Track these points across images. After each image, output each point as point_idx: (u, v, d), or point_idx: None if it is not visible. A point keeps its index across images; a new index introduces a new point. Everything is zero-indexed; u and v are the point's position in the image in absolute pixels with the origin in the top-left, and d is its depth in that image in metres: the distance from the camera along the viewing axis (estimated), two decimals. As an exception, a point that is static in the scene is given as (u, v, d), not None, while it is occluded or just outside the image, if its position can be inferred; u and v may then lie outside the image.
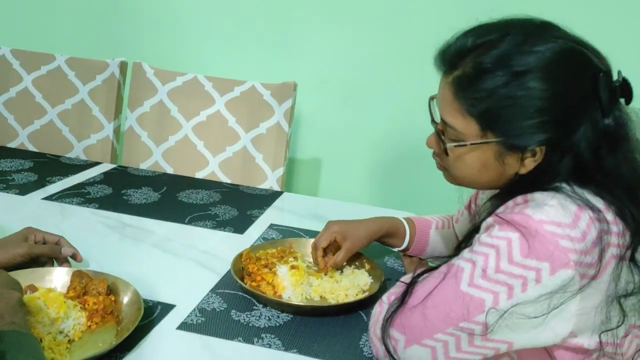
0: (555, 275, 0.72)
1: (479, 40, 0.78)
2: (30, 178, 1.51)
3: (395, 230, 1.15)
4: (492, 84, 0.75)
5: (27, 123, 1.77)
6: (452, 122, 0.80)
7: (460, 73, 0.78)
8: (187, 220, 1.34)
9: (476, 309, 0.75)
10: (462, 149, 0.81)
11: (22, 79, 1.78)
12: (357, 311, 1.01)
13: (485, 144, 0.79)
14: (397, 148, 2.01)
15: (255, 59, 2.00)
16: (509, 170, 0.81)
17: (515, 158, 0.79)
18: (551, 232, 0.73)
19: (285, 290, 1.02)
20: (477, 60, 0.77)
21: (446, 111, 0.82)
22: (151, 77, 1.72)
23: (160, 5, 2.02)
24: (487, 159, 0.80)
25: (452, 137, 0.82)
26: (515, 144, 0.78)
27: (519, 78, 0.74)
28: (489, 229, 0.79)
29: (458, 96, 0.79)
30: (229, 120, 1.67)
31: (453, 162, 0.84)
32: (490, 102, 0.76)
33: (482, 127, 0.78)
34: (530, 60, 0.75)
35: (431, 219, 1.21)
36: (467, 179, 0.86)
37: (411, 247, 1.17)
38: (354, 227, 1.11)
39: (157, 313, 0.95)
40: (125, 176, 1.60)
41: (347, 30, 1.91)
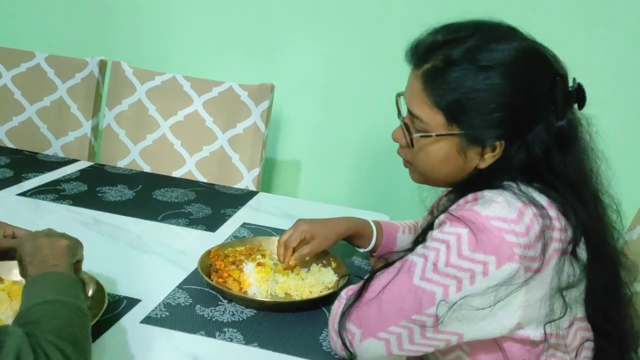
0: (501, 269, 0.75)
1: (449, 36, 0.83)
2: (6, 174, 1.52)
3: (362, 231, 1.17)
4: (459, 76, 0.79)
5: (6, 120, 1.78)
6: (419, 113, 0.84)
7: (430, 65, 0.82)
8: (160, 218, 1.35)
9: (428, 301, 0.78)
10: (427, 140, 0.85)
11: (1, 75, 1.79)
12: (320, 307, 1.03)
13: (449, 136, 0.83)
14: (375, 150, 2.03)
15: (235, 61, 2.02)
16: (469, 164, 0.85)
17: (476, 152, 0.83)
18: (497, 227, 0.76)
19: (250, 287, 1.04)
20: (446, 53, 0.81)
21: (414, 103, 0.85)
22: (130, 76, 1.73)
23: (141, 6, 2.04)
24: (449, 151, 0.84)
25: (419, 128, 0.85)
26: (477, 137, 0.81)
27: (484, 72, 0.79)
28: (440, 225, 0.82)
29: (427, 88, 0.82)
30: (206, 120, 1.69)
31: (417, 154, 0.87)
32: (456, 94, 0.80)
33: (447, 119, 0.82)
34: (495, 56, 0.79)
35: (398, 224, 1.23)
36: (429, 172, 0.89)
37: (378, 249, 1.19)
38: (323, 226, 1.13)
39: (122, 307, 0.97)
40: (102, 174, 1.62)
41: (327, 32, 1.94)
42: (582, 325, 0.85)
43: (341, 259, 1.17)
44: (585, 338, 0.85)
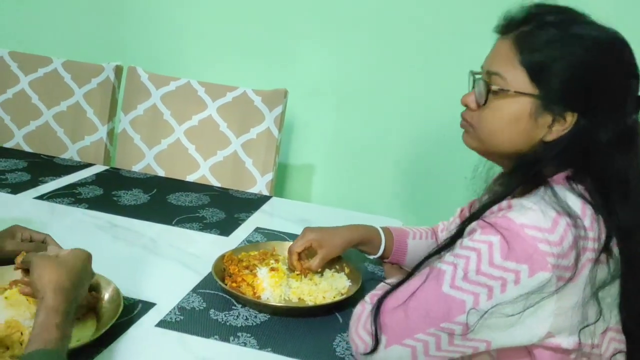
0: (534, 277, 0.75)
1: (544, 9, 0.86)
2: (23, 177, 1.54)
3: (370, 238, 1.16)
4: (550, 39, 0.81)
5: (23, 124, 1.81)
6: (501, 70, 0.84)
7: (524, 29, 0.84)
8: (174, 222, 1.37)
9: (457, 309, 0.77)
10: (502, 96, 0.84)
11: (19, 80, 1.82)
12: (334, 313, 1.04)
13: (527, 96, 0.83)
14: (389, 154, 2.03)
15: (249, 66, 2.03)
16: (536, 132, 0.84)
17: (546, 121, 0.83)
18: (531, 235, 0.76)
19: (264, 292, 1.05)
20: (541, 18, 0.83)
21: (497, 62, 0.86)
22: (145, 81, 1.75)
23: (157, 12, 2.06)
24: (522, 112, 0.83)
25: (497, 85, 0.85)
26: (552, 101, 0.82)
27: (575, 40, 0.81)
28: (471, 233, 0.81)
29: (515, 47, 0.83)
30: (220, 125, 1.70)
31: (486, 112, 0.87)
32: (543, 56, 0.81)
33: (530, 78, 0.82)
34: (587, 31, 0.82)
35: (408, 229, 1.23)
36: (494, 134, 0.87)
37: (390, 256, 1.19)
38: (330, 235, 1.13)
39: (137, 310, 0.98)
40: (117, 178, 1.63)
41: (340, 37, 1.95)
42: (616, 336, 0.84)
43: (354, 264, 1.17)
44: (618, 350, 0.84)
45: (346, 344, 0.95)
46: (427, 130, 1.96)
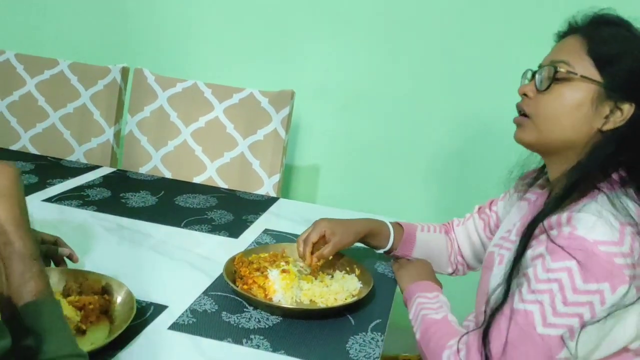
0: (616, 293, 0.76)
1: (602, 15, 0.92)
2: (31, 180, 1.54)
3: (379, 230, 1.18)
4: (615, 34, 0.88)
5: (30, 126, 1.80)
6: (567, 58, 0.88)
7: (590, 27, 0.90)
8: (183, 224, 1.36)
9: (557, 346, 0.78)
10: (567, 84, 0.87)
11: (26, 82, 1.81)
12: (345, 315, 1.03)
13: (591, 81, 0.86)
14: (395, 155, 2.03)
15: (256, 67, 2.03)
16: (595, 120, 0.86)
17: (606, 109, 0.86)
18: (606, 252, 0.76)
19: (275, 294, 1.05)
20: (604, 19, 0.90)
21: (564, 52, 0.90)
22: (152, 83, 1.75)
23: (163, 14, 2.06)
24: (585, 98, 0.86)
25: (564, 70, 0.88)
26: (614, 90, 0.85)
27: (637, 38, 0.88)
28: (539, 258, 0.81)
29: (583, 39, 0.88)
30: (227, 126, 1.70)
31: (547, 99, 0.89)
32: (611, 47, 0.86)
33: (596, 66, 0.86)
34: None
35: (416, 223, 1.25)
36: (553, 120, 0.89)
37: (398, 248, 1.20)
38: (342, 224, 1.15)
39: (149, 313, 0.98)
40: (124, 180, 1.63)
41: (346, 38, 1.94)
42: None
43: (365, 265, 1.17)
44: None
45: (359, 346, 0.95)
46: (434, 131, 1.96)
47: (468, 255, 1.24)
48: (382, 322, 1.03)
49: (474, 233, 1.22)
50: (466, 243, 1.23)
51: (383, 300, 1.11)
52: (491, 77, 1.82)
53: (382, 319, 1.04)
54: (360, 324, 1.01)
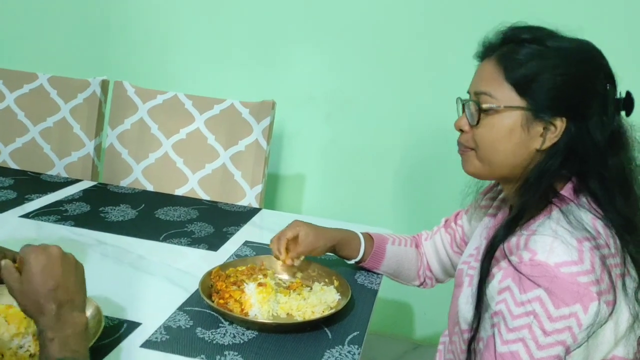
0: (589, 313, 0.76)
1: (519, 30, 0.90)
2: (9, 196, 1.52)
3: (350, 240, 1.19)
4: (530, 53, 0.86)
5: (9, 141, 1.79)
6: (489, 89, 0.88)
7: (504, 49, 0.89)
8: (162, 238, 1.35)
9: None
10: (494, 113, 0.88)
11: (5, 97, 1.80)
12: (322, 328, 1.02)
13: (516, 109, 0.86)
14: (379, 165, 2.03)
15: (237, 77, 2.03)
16: (531, 142, 0.86)
17: (538, 131, 0.86)
18: (569, 272, 0.76)
19: (252, 308, 1.03)
20: (518, 37, 0.88)
21: (484, 83, 0.89)
22: (132, 95, 1.74)
23: (143, 26, 2.05)
24: (514, 124, 0.86)
25: (487, 104, 0.88)
26: (541, 110, 0.85)
27: (551, 53, 0.85)
28: (508, 291, 0.80)
29: (499, 65, 0.88)
30: (208, 137, 1.69)
31: (480, 131, 0.89)
32: (526, 70, 0.85)
33: (517, 92, 0.86)
34: (561, 43, 0.87)
35: (387, 236, 1.24)
36: (492, 152, 0.89)
37: (367, 259, 1.21)
38: (315, 228, 1.17)
39: (122, 331, 0.96)
40: (105, 194, 1.62)
41: (328, 47, 1.94)
42: None
43: (344, 276, 1.16)
44: None
45: (335, 360, 0.93)
46: (419, 139, 1.95)
47: (436, 270, 1.24)
48: (359, 334, 1.01)
49: (441, 248, 1.22)
50: (434, 258, 1.23)
51: (362, 311, 1.09)
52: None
53: (360, 331, 1.02)
54: (337, 337, 1.00)
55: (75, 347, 0.73)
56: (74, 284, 0.80)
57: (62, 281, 0.78)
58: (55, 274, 0.78)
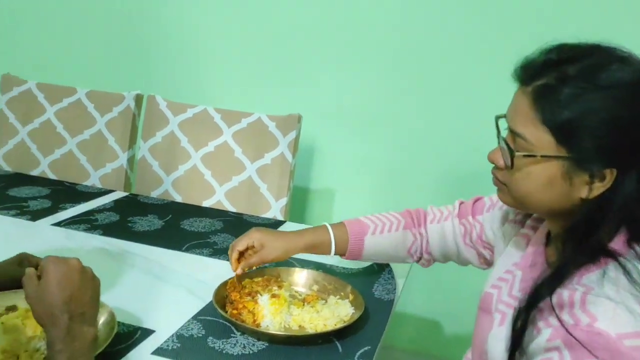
0: None
1: (564, 54, 0.77)
2: (44, 205, 1.59)
3: (319, 241, 1.15)
4: (573, 93, 0.73)
5: (49, 152, 1.87)
6: (523, 132, 0.77)
7: (542, 82, 0.76)
8: (184, 248, 1.37)
9: None
10: (529, 161, 0.78)
11: (46, 110, 1.88)
12: (333, 341, 1.01)
13: (555, 158, 0.76)
14: (409, 181, 2.01)
15: (269, 93, 2.06)
16: (574, 192, 0.77)
17: (583, 180, 0.76)
18: (632, 346, 0.67)
19: (264, 319, 1.04)
20: (561, 69, 0.75)
21: (519, 121, 0.79)
22: (164, 109, 1.79)
23: (176, 42, 2.12)
24: (554, 174, 0.77)
25: (521, 149, 0.79)
26: (586, 161, 0.74)
27: (601, 92, 0.72)
28: (556, 352, 0.72)
29: (536, 105, 0.76)
30: (235, 150, 1.72)
31: (516, 176, 0.80)
32: (569, 113, 0.73)
33: (556, 139, 0.75)
34: (615, 77, 0.73)
35: (369, 222, 1.19)
36: (529, 196, 0.81)
37: (346, 254, 1.18)
38: (275, 238, 1.13)
39: (135, 337, 0.98)
40: (135, 204, 1.66)
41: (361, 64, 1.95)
42: None
43: (361, 290, 1.15)
44: None
45: (343, 374, 0.93)
46: (446, 153, 1.93)
47: (437, 254, 1.19)
48: (370, 349, 1.00)
49: (450, 237, 1.16)
50: (438, 243, 1.18)
51: (375, 326, 1.08)
52: (506, 101, 1.79)
53: (372, 346, 1.01)
54: (348, 351, 0.99)
55: (82, 359, 0.75)
56: (88, 297, 0.82)
57: (77, 293, 0.81)
58: (71, 285, 0.81)
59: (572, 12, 1.71)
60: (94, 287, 0.84)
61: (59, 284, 0.79)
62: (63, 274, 0.80)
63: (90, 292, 0.82)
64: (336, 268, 1.30)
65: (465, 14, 1.81)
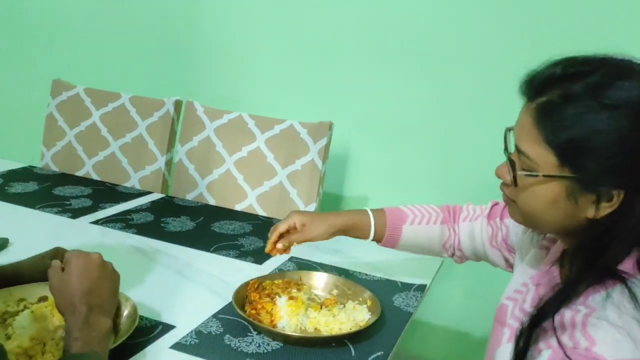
0: None
1: (570, 69, 0.74)
2: (85, 204, 1.66)
3: (358, 222, 1.16)
4: (578, 113, 0.71)
5: (93, 154, 1.96)
6: (527, 150, 0.76)
7: (545, 99, 0.74)
8: (212, 249, 1.42)
9: None
10: (533, 180, 0.77)
11: (92, 114, 1.98)
12: (347, 345, 1.03)
13: (559, 178, 0.74)
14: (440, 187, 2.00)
15: (303, 100, 2.09)
16: (580, 212, 0.75)
17: (589, 200, 0.74)
18: None
19: (281, 320, 1.06)
20: (565, 86, 0.73)
21: (523, 139, 0.77)
22: (201, 114, 1.85)
23: (214, 53, 2.20)
24: (558, 195, 0.75)
25: (525, 166, 0.78)
26: (592, 183, 0.72)
27: (607, 111, 0.70)
28: None
29: (539, 123, 0.74)
30: (267, 156, 1.75)
31: (521, 194, 0.80)
32: (573, 133, 0.71)
33: (560, 159, 0.73)
34: (622, 95, 0.70)
35: (409, 212, 1.19)
36: (534, 215, 0.81)
37: (383, 240, 1.18)
38: (315, 217, 1.16)
39: (156, 332, 1.02)
40: (170, 206, 1.72)
41: (391, 71, 1.96)
42: None
43: (380, 297, 1.16)
44: None
45: (353, 377, 0.94)
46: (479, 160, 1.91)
47: (468, 252, 1.19)
48: (383, 354, 1.01)
49: (478, 237, 1.16)
50: (468, 242, 1.18)
51: (391, 333, 1.08)
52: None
53: (385, 352, 1.02)
54: (360, 354, 1.00)
55: (96, 348, 0.80)
56: (107, 290, 0.87)
57: (96, 285, 0.86)
58: (91, 277, 0.86)
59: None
60: (113, 281, 0.88)
61: (80, 276, 0.84)
62: (84, 267, 0.85)
63: (109, 284, 0.87)
64: (358, 274, 1.31)
65: (500, 20, 1.80)
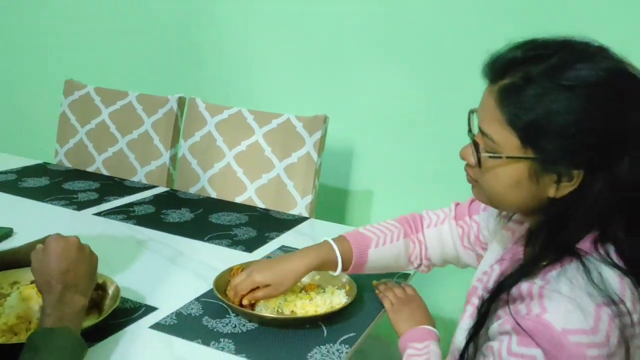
0: None
1: (530, 52, 0.76)
2: (91, 197, 1.74)
3: (325, 260, 1.09)
4: (537, 94, 0.72)
5: (102, 150, 2.04)
6: (490, 133, 0.78)
7: (507, 82, 0.76)
8: (206, 239, 1.47)
9: None
10: (496, 162, 0.78)
11: (101, 112, 2.06)
12: (321, 326, 1.06)
13: (521, 159, 0.75)
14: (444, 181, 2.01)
15: (308, 95, 2.13)
16: (542, 192, 0.77)
17: (550, 179, 0.75)
18: (576, 342, 0.67)
19: (259, 303, 1.10)
20: (525, 69, 0.74)
21: (486, 121, 0.79)
22: (202, 110, 1.91)
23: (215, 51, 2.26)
24: (520, 175, 0.77)
25: (489, 148, 0.79)
26: (552, 162, 0.73)
27: (566, 92, 0.71)
28: (507, 336, 0.74)
29: (502, 105, 0.76)
30: (265, 149, 1.80)
31: (485, 175, 0.81)
32: (533, 115, 0.72)
33: (522, 141, 0.75)
34: (580, 76, 0.71)
35: (371, 234, 1.14)
36: (497, 195, 0.82)
37: (350, 268, 1.13)
38: (277, 273, 1.06)
39: (139, 313, 1.08)
40: (172, 199, 1.78)
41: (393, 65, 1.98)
42: None
43: (358, 282, 1.18)
44: None
45: (320, 356, 0.97)
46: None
47: (436, 258, 1.16)
48: (354, 336, 1.04)
49: (448, 240, 1.14)
50: (437, 248, 1.15)
51: (365, 316, 1.11)
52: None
53: (356, 333, 1.05)
54: (332, 335, 1.04)
55: (68, 324, 0.85)
56: (83, 271, 0.93)
57: (73, 266, 0.91)
58: (68, 258, 0.91)
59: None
60: (90, 262, 0.94)
61: (58, 257, 0.89)
62: (62, 248, 0.91)
63: (85, 266, 0.92)
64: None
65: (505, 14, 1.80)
